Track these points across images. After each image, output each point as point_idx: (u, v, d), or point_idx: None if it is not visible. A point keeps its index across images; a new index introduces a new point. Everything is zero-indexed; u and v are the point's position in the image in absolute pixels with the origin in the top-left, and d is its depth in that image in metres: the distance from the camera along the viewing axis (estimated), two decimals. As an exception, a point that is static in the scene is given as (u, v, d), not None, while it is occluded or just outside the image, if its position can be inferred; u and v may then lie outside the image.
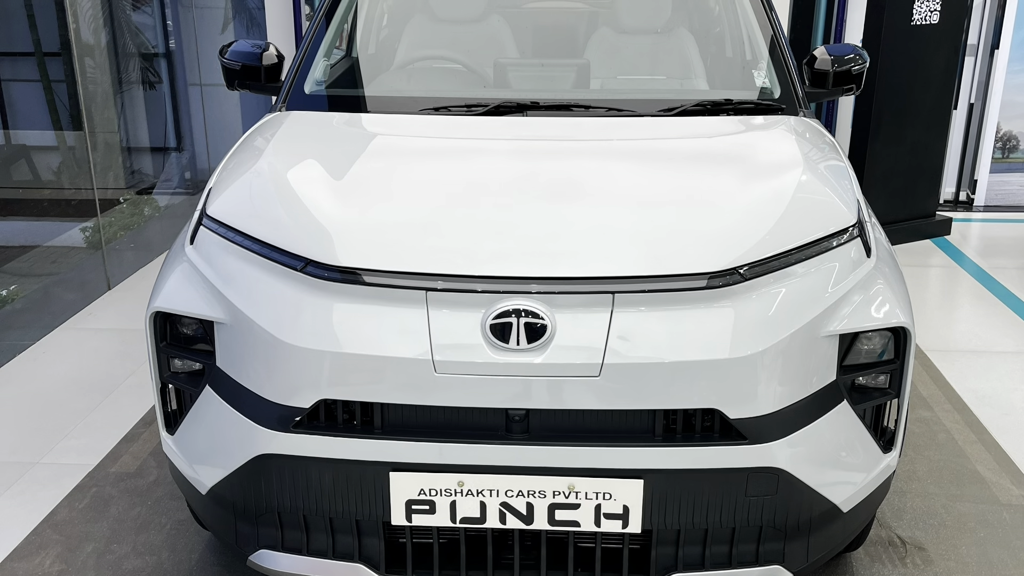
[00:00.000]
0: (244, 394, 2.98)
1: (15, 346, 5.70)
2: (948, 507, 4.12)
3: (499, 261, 2.90)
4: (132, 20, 9.11)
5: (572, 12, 5.25)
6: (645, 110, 4.01)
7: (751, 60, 4.48)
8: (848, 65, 4.28)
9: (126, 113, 9.15)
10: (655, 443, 2.86)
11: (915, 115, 7.59)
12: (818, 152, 3.68)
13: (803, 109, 4.10)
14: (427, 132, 3.92)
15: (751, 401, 2.84)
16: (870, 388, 3.13)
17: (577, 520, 2.92)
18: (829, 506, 3.03)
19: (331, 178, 3.43)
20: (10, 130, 8.98)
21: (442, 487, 2.90)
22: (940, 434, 4.72)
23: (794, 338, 2.89)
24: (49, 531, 3.97)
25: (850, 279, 3.05)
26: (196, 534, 3.93)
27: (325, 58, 4.44)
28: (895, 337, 3.08)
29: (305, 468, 2.94)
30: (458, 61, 4.59)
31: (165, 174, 9.62)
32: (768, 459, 2.88)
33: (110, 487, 4.26)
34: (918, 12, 7.31)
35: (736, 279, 2.87)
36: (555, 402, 2.82)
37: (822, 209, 3.24)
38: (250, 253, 3.06)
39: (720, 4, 4.93)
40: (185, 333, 3.20)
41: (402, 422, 2.91)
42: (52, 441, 4.65)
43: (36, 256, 7.41)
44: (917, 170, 7.80)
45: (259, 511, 3.08)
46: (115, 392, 5.13)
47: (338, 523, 3.05)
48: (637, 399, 2.81)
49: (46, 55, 8.67)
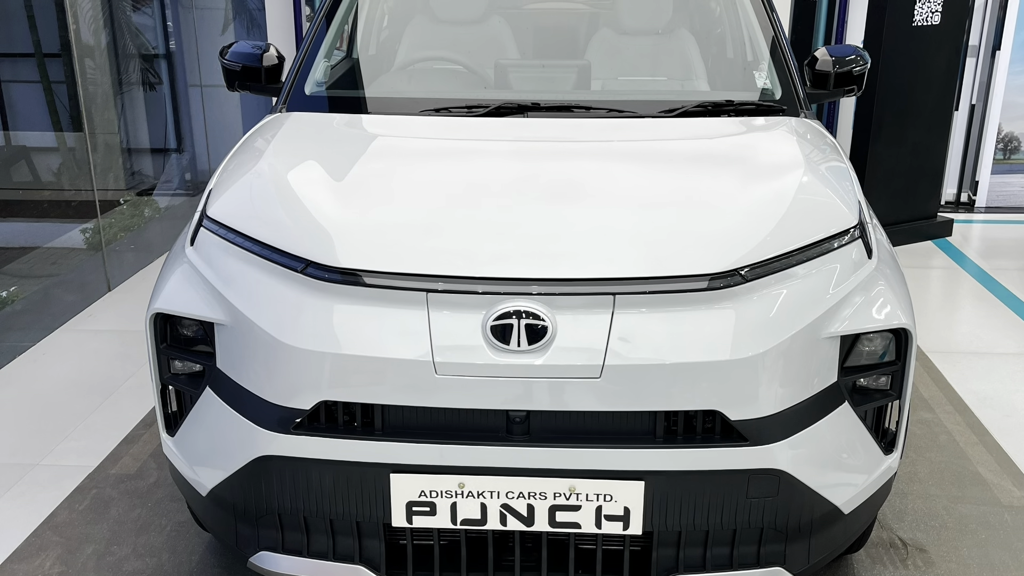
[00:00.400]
0: (244, 396, 2.98)
1: (15, 348, 5.70)
2: (949, 509, 4.11)
3: (500, 262, 2.90)
4: (132, 21, 9.10)
5: (573, 13, 5.25)
6: (646, 111, 4.01)
7: (752, 61, 4.48)
8: (849, 66, 4.27)
9: (126, 114, 9.15)
10: (656, 445, 2.86)
11: (916, 116, 7.58)
12: (819, 153, 3.67)
13: (804, 110, 4.09)
14: (428, 133, 3.92)
15: (752, 403, 2.84)
16: (871, 390, 3.12)
17: (578, 522, 2.91)
18: (830, 508, 3.03)
19: (331, 179, 3.42)
20: (10, 131, 8.98)
21: (443, 489, 2.89)
22: (941, 436, 4.71)
23: (795, 339, 2.88)
24: (49, 533, 3.96)
25: (851, 280, 3.04)
26: (196, 536, 3.92)
27: (326, 59, 4.43)
28: (896, 338, 3.08)
29: (306, 470, 2.94)
30: (459, 62, 4.58)
31: (165, 175, 9.62)
32: (769, 461, 2.87)
33: (110, 489, 4.25)
34: (919, 13, 7.31)
35: (737, 280, 2.87)
36: (556, 403, 2.81)
37: (823, 210, 3.23)
38: (250, 254, 3.06)
39: (721, 5, 4.92)
40: (185, 334, 3.19)
41: (403, 423, 2.90)
42: (52, 443, 4.64)
43: (36, 257, 7.41)
44: (918, 171, 7.79)
45: (259, 513, 3.08)
46: (115, 394, 5.13)
47: (339, 525, 3.04)
48: (638, 400, 2.81)
49: (46, 56, 8.66)
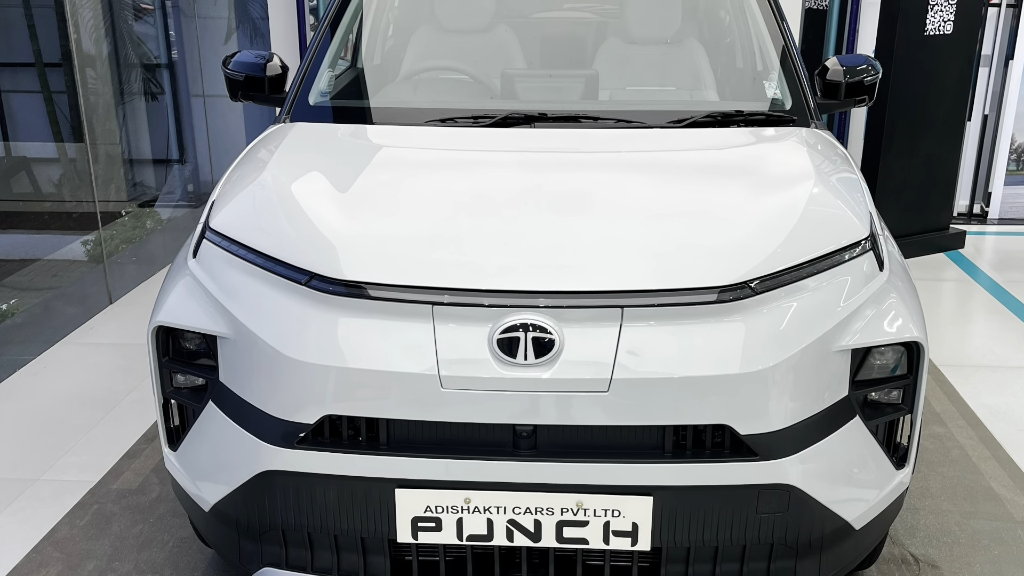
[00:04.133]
0: (248, 410, 2.96)
1: (15, 361, 5.67)
2: (962, 524, 4.08)
3: (506, 275, 2.88)
4: (134, 30, 9.08)
5: (580, 22, 5.24)
6: (654, 122, 3.98)
7: (762, 71, 4.45)
8: (860, 76, 4.26)
9: (128, 124, 9.13)
10: (665, 459, 2.84)
11: (928, 127, 7.55)
12: (830, 164, 3.65)
13: (815, 120, 4.07)
14: (433, 144, 3.89)
15: (762, 417, 2.82)
16: (883, 403, 3.10)
17: (585, 537, 2.89)
18: (841, 523, 3.01)
19: (336, 191, 3.40)
20: (10, 142, 8.96)
21: (448, 504, 2.87)
22: (954, 450, 4.68)
23: (806, 353, 2.86)
24: (50, 549, 3.93)
25: (862, 293, 3.02)
26: (199, 552, 3.89)
27: (330, 69, 4.41)
28: (908, 352, 3.06)
29: (310, 485, 2.92)
30: (465, 72, 4.56)
31: (167, 186, 9.60)
32: (779, 476, 2.85)
33: (112, 504, 4.22)
34: (931, 22, 7.27)
35: (747, 293, 2.85)
36: (563, 418, 2.80)
37: (834, 222, 3.21)
38: (254, 267, 3.04)
39: (731, 14, 4.91)
40: (188, 348, 3.17)
41: (408, 438, 2.88)
42: (53, 457, 4.61)
43: (37, 270, 7.38)
44: (930, 182, 7.75)
45: (263, 528, 3.06)
46: (117, 408, 5.10)
47: (343, 540, 3.02)
48: (646, 415, 2.79)
49: (47, 66, 8.64)
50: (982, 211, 8.88)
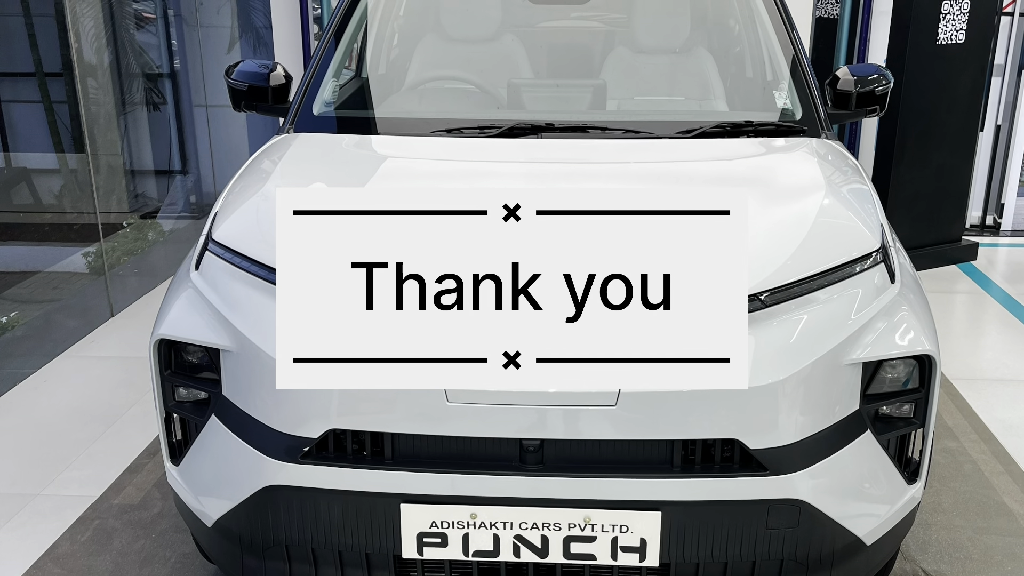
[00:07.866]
0: (251, 424, 2.93)
1: (16, 374, 5.65)
2: (974, 540, 4.04)
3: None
4: (136, 39, 9.08)
5: (588, 31, 5.22)
6: (663, 132, 3.95)
7: (772, 80, 4.43)
8: (871, 86, 4.23)
9: (129, 135, 9.12)
10: (673, 474, 2.81)
11: (940, 137, 7.51)
12: (841, 175, 3.62)
13: (825, 131, 4.04)
14: (439, 155, 3.86)
15: (772, 431, 2.80)
16: (894, 418, 3.08)
17: (593, 553, 2.86)
18: (852, 539, 2.98)
19: (340, 201, 3.36)
20: (10, 152, 8.94)
21: (454, 519, 2.84)
22: (966, 465, 4.64)
23: (816, 366, 2.84)
24: (50, 564, 3.91)
25: (874, 305, 3.00)
26: (202, 567, 3.87)
27: (334, 78, 4.39)
28: (920, 365, 3.03)
29: (314, 500, 2.89)
30: (471, 81, 4.53)
31: (170, 198, 9.60)
32: (789, 491, 2.83)
33: (113, 519, 4.19)
34: (943, 31, 7.24)
35: (757, 305, 2.83)
36: (571, 432, 2.77)
37: (845, 234, 3.19)
38: (257, 279, 3.02)
39: (740, 23, 4.88)
40: (190, 361, 3.15)
41: (413, 453, 2.86)
42: (54, 472, 4.58)
43: (37, 282, 7.37)
44: (942, 194, 7.71)
45: (266, 544, 3.03)
46: (118, 422, 5.07)
47: (347, 556, 3.00)
48: (655, 429, 2.77)
49: (47, 75, 8.63)
50: (995, 223, 8.84)
